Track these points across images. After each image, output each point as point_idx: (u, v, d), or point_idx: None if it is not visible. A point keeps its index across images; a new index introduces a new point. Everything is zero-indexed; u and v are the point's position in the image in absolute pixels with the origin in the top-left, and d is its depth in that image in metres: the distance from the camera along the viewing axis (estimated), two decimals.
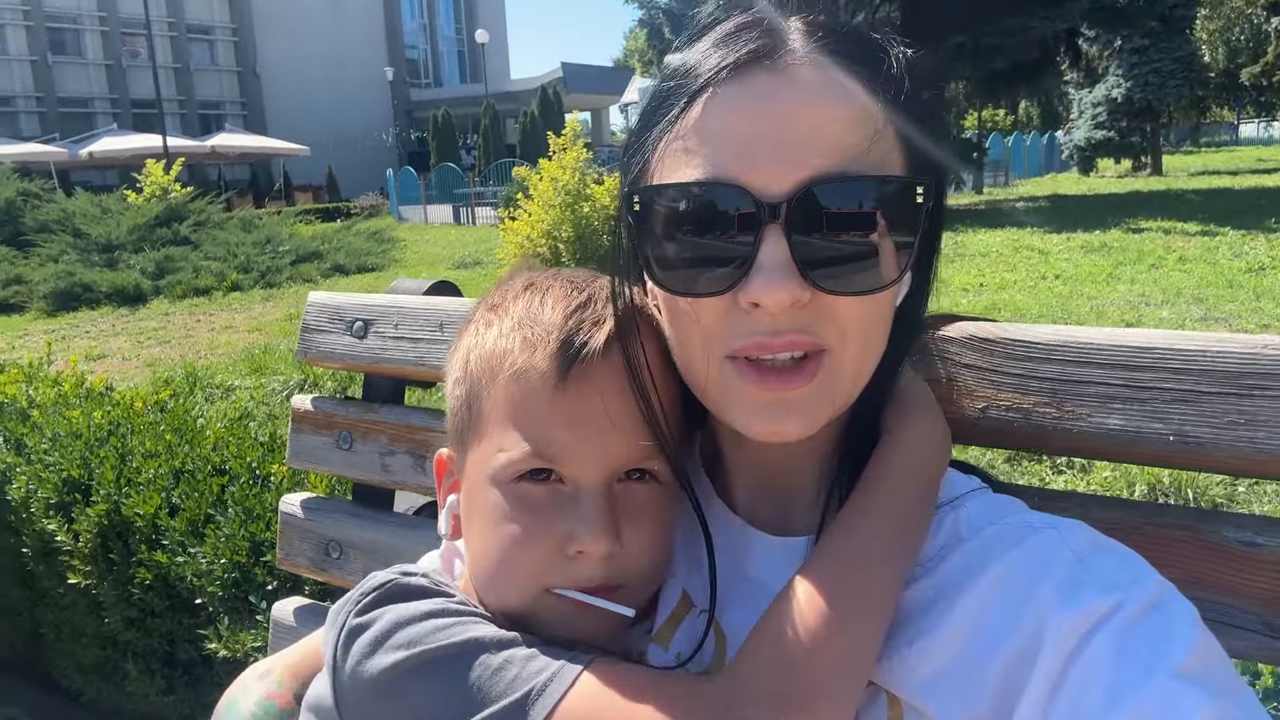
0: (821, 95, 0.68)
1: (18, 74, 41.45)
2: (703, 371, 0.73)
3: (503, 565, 0.79)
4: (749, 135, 0.68)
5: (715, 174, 0.68)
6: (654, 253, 0.73)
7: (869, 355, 0.73)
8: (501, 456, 0.78)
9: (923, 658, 0.71)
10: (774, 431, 0.71)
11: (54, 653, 2.97)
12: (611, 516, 0.77)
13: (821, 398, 0.71)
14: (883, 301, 0.72)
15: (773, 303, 0.66)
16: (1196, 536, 0.83)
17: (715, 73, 0.70)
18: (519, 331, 0.79)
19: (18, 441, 3.04)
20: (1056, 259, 11.95)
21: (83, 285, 13.42)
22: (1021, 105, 54.50)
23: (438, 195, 30.88)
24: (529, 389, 0.77)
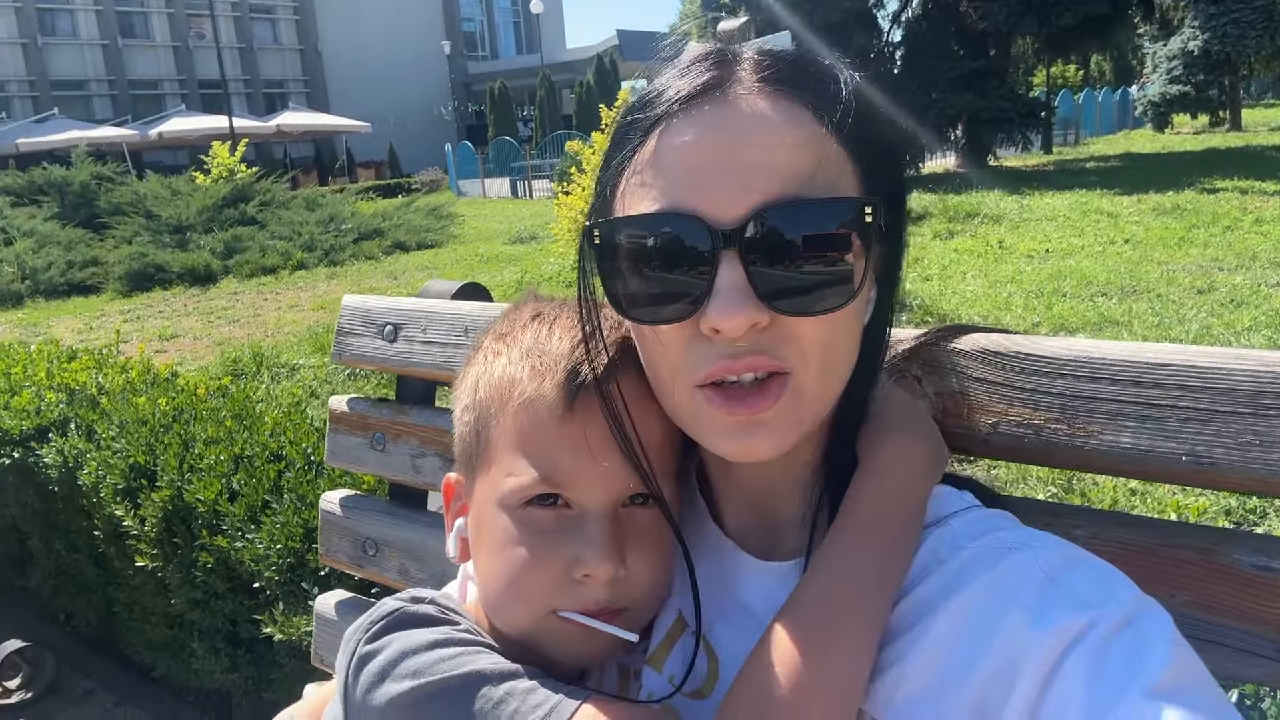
0: (768, 123, 0.70)
1: (89, 58, 42.63)
2: (676, 400, 0.76)
3: (510, 588, 0.81)
4: (700, 165, 0.70)
5: (670, 204, 0.71)
6: (616, 285, 0.75)
7: (833, 375, 0.75)
8: (510, 481, 0.81)
9: (900, 681, 0.72)
10: (744, 452, 0.73)
11: (126, 630, 3.11)
12: (616, 540, 0.79)
13: (787, 418, 0.72)
14: (843, 321, 0.73)
15: (730, 327, 0.68)
16: (1209, 559, 0.81)
17: (669, 105, 0.73)
18: (527, 361, 0.82)
19: (89, 428, 3.17)
20: (1126, 222, 11.56)
21: (155, 266, 13.85)
22: (1093, 60, 52.57)
23: (495, 169, 31.04)
24: (537, 417, 0.80)
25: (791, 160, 0.69)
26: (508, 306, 0.94)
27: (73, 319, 11.43)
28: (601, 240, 0.75)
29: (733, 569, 0.85)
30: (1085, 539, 0.85)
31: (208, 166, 19.45)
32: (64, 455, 3.07)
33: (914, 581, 0.75)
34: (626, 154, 0.75)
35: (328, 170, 39.25)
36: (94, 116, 40.52)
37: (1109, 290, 7.81)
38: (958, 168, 22.83)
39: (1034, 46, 25.77)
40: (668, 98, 0.73)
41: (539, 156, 29.12)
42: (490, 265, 13.06)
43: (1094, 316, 6.91)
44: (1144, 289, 7.77)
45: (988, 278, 8.80)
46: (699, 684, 0.83)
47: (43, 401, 3.39)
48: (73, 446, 3.08)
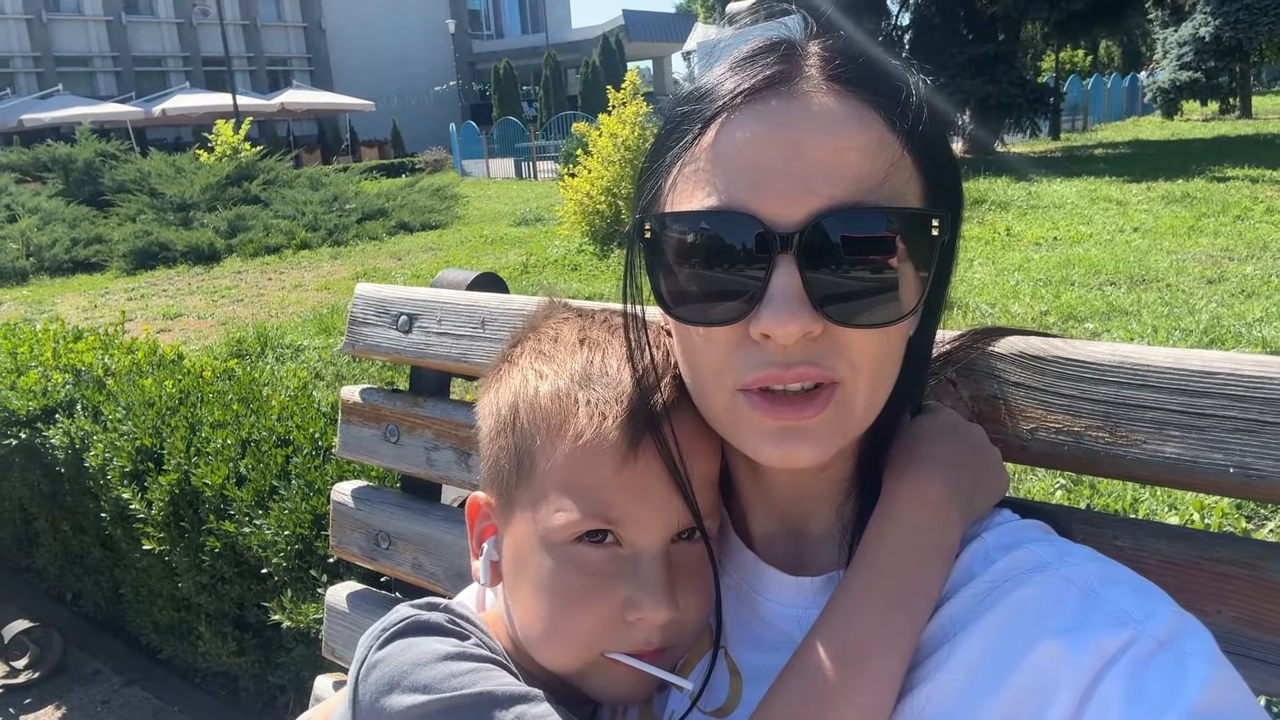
0: (837, 124, 0.67)
1: (94, 34, 42.39)
2: (715, 401, 0.72)
3: (556, 629, 0.78)
4: (762, 163, 0.67)
5: (727, 203, 0.67)
6: (666, 282, 0.72)
7: (881, 388, 0.72)
8: (560, 517, 0.77)
9: (928, 700, 0.69)
10: (785, 458, 0.70)
11: (133, 612, 3.11)
12: (670, 581, 0.77)
13: (832, 428, 0.70)
14: (895, 334, 0.71)
15: (783, 335, 0.65)
16: (1257, 575, 0.79)
17: (731, 98, 0.69)
18: (581, 393, 0.77)
19: (95, 409, 3.16)
20: (1135, 210, 11.49)
21: (159, 244, 13.82)
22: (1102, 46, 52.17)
23: (500, 149, 30.92)
24: (594, 457, 0.76)
25: (858, 164, 0.66)
26: (538, 310, 0.90)
27: (77, 296, 11.41)
28: (652, 235, 0.72)
29: (759, 584, 0.83)
30: (1127, 551, 0.83)
31: (211, 144, 19.37)
32: (70, 437, 3.06)
33: (945, 596, 0.73)
34: (683, 145, 0.72)
35: (331, 149, 39.10)
36: (98, 93, 40.36)
37: (1117, 279, 7.76)
38: (965, 153, 22.70)
39: (1043, 31, 25.57)
40: (729, 89, 0.70)
41: (544, 137, 28.99)
42: (495, 247, 13.01)
43: (1102, 306, 6.87)
44: (1153, 278, 7.72)
45: (995, 265, 8.75)
46: (722, 701, 0.81)
47: (49, 382, 3.37)
48: (79, 428, 3.06)
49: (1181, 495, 3.58)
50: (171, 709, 2.94)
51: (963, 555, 0.75)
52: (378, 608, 1.48)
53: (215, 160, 18.15)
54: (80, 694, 3.04)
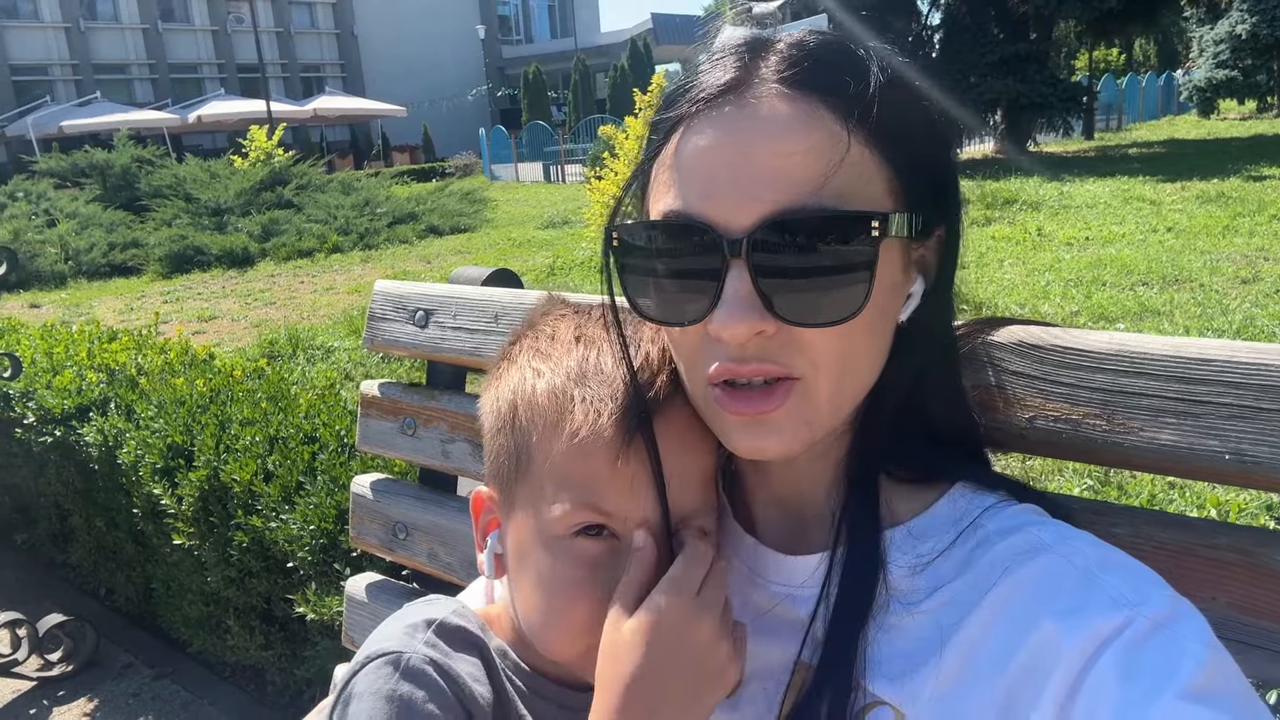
0: (783, 129, 0.69)
1: (131, 42, 43.15)
2: (695, 393, 0.77)
3: (555, 618, 0.80)
4: (712, 172, 0.70)
5: (682, 209, 0.71)
6: (633, 286, 0.76)
7: (851, 379, 0.74)
8: (557, 510, 0.78)
9: (928, 677, 0.71)
10: (755, 449, 0.73)
11: (164, 606, 3.17)
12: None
13: (795, 421, 0.72)
14: (860, 328, 0.71)
15: (731, 335, 0.69)
16: (1253, 562, 0.79)
17: (690, 105, 0.72)
18: (578, 391, 0.79)
19: (128, 408, 3.23)
20: (1169, 210, 11.33)
21: (194, 248, 14.05)
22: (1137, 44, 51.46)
23: (528, 153, 31.08)
24: (590, 453, 0.77)
25: (803, 167, 0.68)
26: (536, 307, 0.91)
27: (114, 299, 11.63)
28: (620, 243, 0.76)
29: (758, 567, 0.84)
30: (1125, 538, 0.84)
31: (245, 150, 19.66)
32: (104, 434, 3.13)
33: (949, 578, 0.74)
34: (653, 151, 0.76)
35: (363, 154, 39.53)
36: (135, 100, 41.08)
37: (1150, 279, 7.66)
38: (996, 153, 22.49)
39: (1076, 30, 25.29)
40: (690, 96, 0.73)
41: (572, 141, 29.11)
42: (523, 250, 13.09)
43: (1134, 306, 6.78)
44: (1186, 278, 7.61)
45: (1025, 265, 8.67)
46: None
47: (84, 381, 3.45)
48: (112, 425, 3.13)
49: (1212, 492, 3.53)
50: (201, 701, 2.99)
51: (963, 542, 0.75)
52: (396, 598, 1.51)
53: (249, 166, 18.42)
54: (112, 687, 3.10)
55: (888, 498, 0.79)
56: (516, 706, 0.84)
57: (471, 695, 0.79)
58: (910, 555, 0.77)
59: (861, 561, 0.76)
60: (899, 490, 0.80)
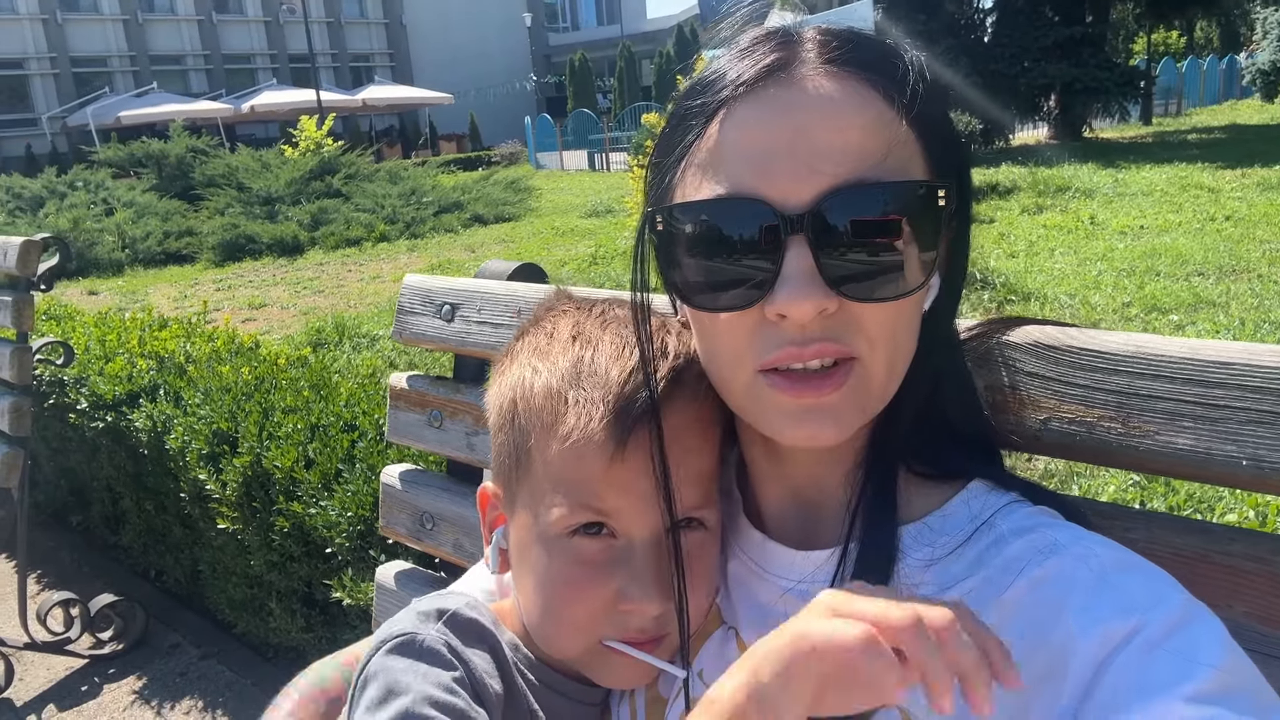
0: (837, 105, 0.68)
1: (186, 34, 43.98)
2: (736, 385, 0.74)
3: (554, 619, 0.81)
4: (767, 149, 0.68)
5: (735, 190, 0.69)
6: (680, 273, 0.74)
7: (897, 362, 0.73)
8: (554, 511, 0.79)
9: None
10: (809, 437, 0.71)
11: (210, 588, 3.25)
12: (663, 573, 0.79)
13: (852, 404, 0.71)
14: (909, 308, 0.71)
15: (798, 313, 0.67)
16: (1270, 570, 0.77)
17: (733, 89, 0.71)
18: (571, 392, 0.79)
19: (176, 394, 3.31)
20: (1228, 198, 11.01)
21: (246, 237, 14.33)
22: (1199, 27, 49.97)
23: (573, 141, 31.14)
24: (583, 454, 0.77)
25: (861, 143, 0.67)
26: (541, 302, 0.91)
27: (169, 287, 11.91)
28: (664, 227, 0.74)
29: (766, 562, 0.84)
30: (1140, 543, 0.82)
31: (296, 140, 19.96)
32: (153, 420, 3.21)
33: (961, 576, 0.73)
34: (689, 140, 0.73)
35: (411, 143, 39.92)
36: (190, 90, 41.88)
37: (1206, 270, 7.46)
38: (1050, 140, 22.03)
39: (1135, 12, 24.64)
40: (729, 80, 0.72)
41: (617, 128, 29.09)
42: (566, 239, 13.14)
43: (1188, 297, 6.61)
44: (1244, 269, 7.40)
45: (1077, 255, 8.49)
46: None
47: (134, 368, 3.54)
48: (161, 412, 3.22)
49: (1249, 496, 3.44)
50: (244, 681, 3.07)
51: (976, 540, 0.75)
52: (424, 586, 1.54)
53: (299, 155, 18.71)
54: (160, 665, 3.20)
55: (904, 492, 0.78)
56: (528, 700, 0.85)
57: (483, 682, 0.80)
58: (924, 551, 0.76)
59: (875, 556, 0.75)
60: (915, 485, 0.80)
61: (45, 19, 39.16)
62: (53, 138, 37.94)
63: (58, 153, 33.23)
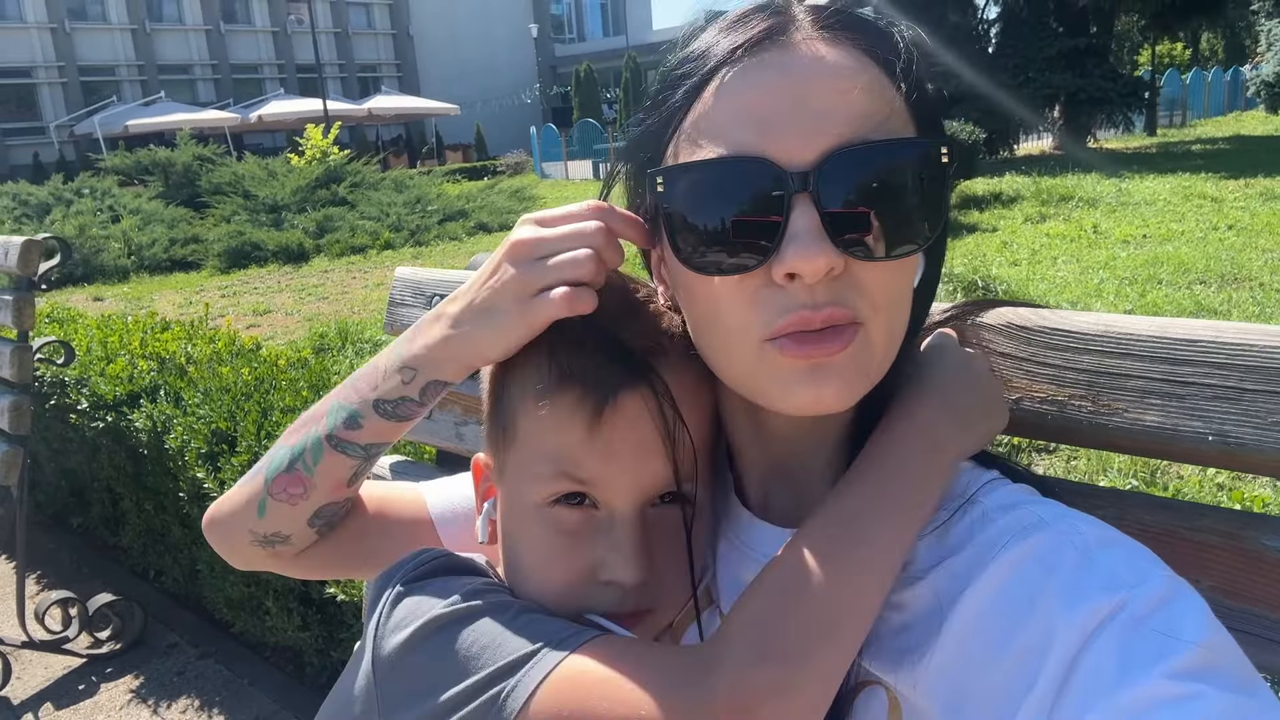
0: (836, 67, 0.69)
1: (194, 44, 44.28)
2: (739, 356, 0.72)
3: (537, 587, 0.81)
4: (769, 109, 0.68)
5: (738, 150, 0.68)
6: (682, 237, 0.72)
7: (898, 328, 0.73)
8: (537, 479, 0.79)
9: (925, 657, 0.70)
10: (815, 398, 0.69)
11: (208, 587, 3.26)
12: (644, 545, 0.78)
13: (857, 367, 0.70)
14: (908, 271, 0.72)
15: (809, 270, 0.66)
16: (1236, 544, 0.77)
17: (729, 53, 0.71)
18: (554, 360, 0.79)
19: (176, 395, 3.33)
20: (1231, 208, 11.01)
21: (252, 244, 14.38)
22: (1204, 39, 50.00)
23: (579, 151, 31.22)
24: (563, 420, 0.77)
25: (864, 103, 0.68)
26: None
27: (174, 294, 11.95)
28: (665, 189, 0.72)
29: (753, 540, 0.84)
30: (1110, 519, 0.82)
31: (302, 148, 20.05)
32: (153, 420, 3.23)
33: (948, 552, 0.73)
34: (682, 103, 0.73)
35: (417, 152, 40.06)
36: (198, 100, 42.14)
37: (1208, 278, 7.46)
38: (1054, 149, 22.05)
39: (1139, 24, 24.69)
40: (725, 46, 0.72)
41: (622, 138, 29.15)
42: None
43: (1190, 305, 6.62)
44: (1246, 277, 7.40)
45: (1080, 263, 8.50)
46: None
47: (135, 369, 3.56)
48: (161, 412, 3.23)
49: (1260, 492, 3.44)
50: (241, 681, 3.07)
51: (961, 517, 0.75)
52: None
53: (305, 164, 18.80)
54: (158, 665, 3.20)
55: None
56: None
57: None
58: None
59: None
60: None
61: (54, 28, 39.45)
62: (60, 146, 38.18)
63: (65, 161, 33.43)
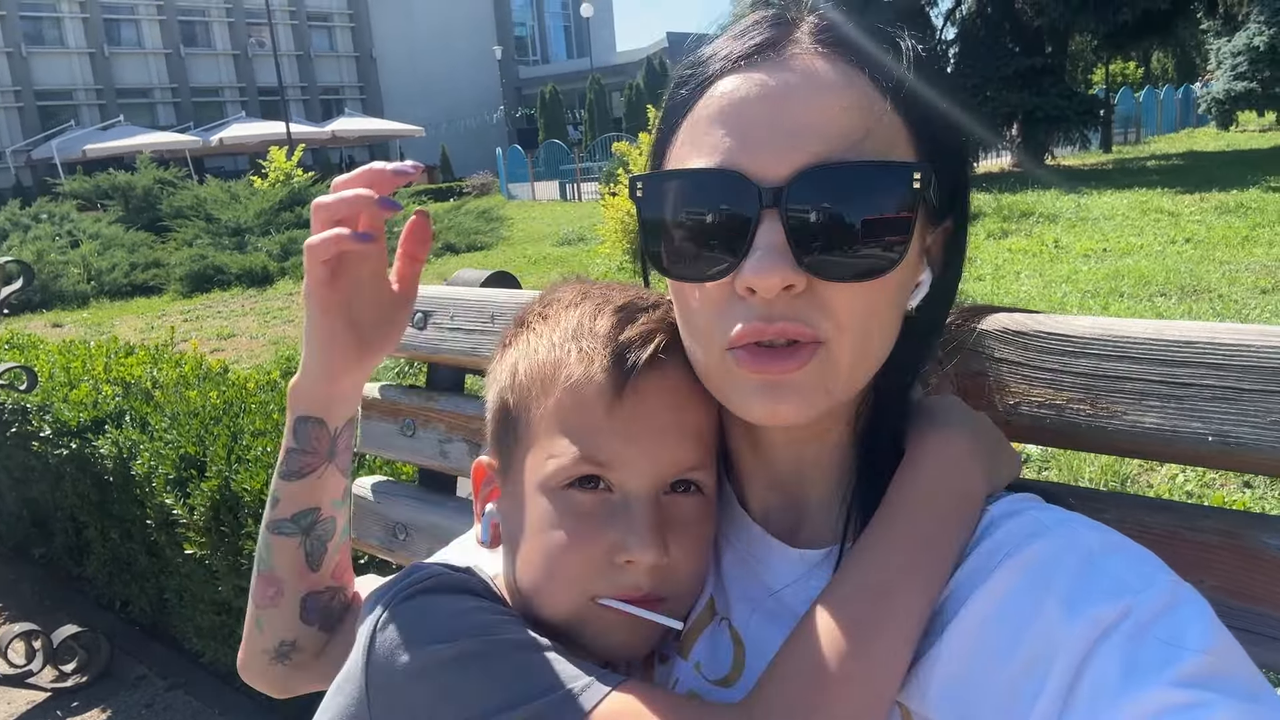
0: (823, 83, 0.69)
1: (154, 67, 43.86)
2: (707, 361, 0.74)
3: (549, 572, 0.79)
4: (749, 122, 0.69)
5: (717, 161, 0.69)
6: (657, 241, 0.74)
7: (868, 348, 0.72)
8: (552, 463, 0.79)
9: (932, 667, 0.69)
10: (771, 413, 0.71)
11: (177, 617, 3.18)
12: (660, 527, 0.78)
13: (815, 384, 0.70)
14: (883, 293, 0.70)
15: (764, 286, 0.66)
16: (1237, 544, 0.78)
17: (723, 64, 0.72)
18: (574, 343, 0.80)
19: (142, 420, 3.26)
20: (1188, 221, 11.25)
21: (215, 268, 14.20)
22: (1154, 57, 51.28)
23: (545, 172, 31.27)
24: (583, 400, 0.78)
25: (843, 121, 0.67)
26: (546, 288, 0.92)
27: (135, 319, 11.76)
28: (644, 195, 0.74)
29: (762, 555, 0.83)
30: (1111, 523, 0.83)
31: (265, 171, 19.87)
32: (119, 446, 3.16)
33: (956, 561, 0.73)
34: (682, 110, 0.75)
35: None
36: (158, 123, 41.67)
37: (1168, 290, 7.61)
38: (1014, 167, 22.43)
39: (1093, 44, 25.23)
40: (720, 56, 0.73)
41: (588, 159, 29.27)
42: (538, 266, 13.15)
43: (1151, 317, 6.71)
44: (1205, 289, 7.55)
45: (1042, 277, 8.63)
46: (725, 672, 0.81)
47: (99, 394, 3.49)
48: (127, 437, 3.16)
49: None
50: (211, 711, 3.00)
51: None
52: None
53: (269, 186, 18.62)
54: (125, 697, 3.12)
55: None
56: None
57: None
58: None
59: None
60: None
61: (10, 52, 38.93)
62: (16, 171, 37.58)
63: (22, 186, 32.88)
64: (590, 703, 0.69)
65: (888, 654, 0.67)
